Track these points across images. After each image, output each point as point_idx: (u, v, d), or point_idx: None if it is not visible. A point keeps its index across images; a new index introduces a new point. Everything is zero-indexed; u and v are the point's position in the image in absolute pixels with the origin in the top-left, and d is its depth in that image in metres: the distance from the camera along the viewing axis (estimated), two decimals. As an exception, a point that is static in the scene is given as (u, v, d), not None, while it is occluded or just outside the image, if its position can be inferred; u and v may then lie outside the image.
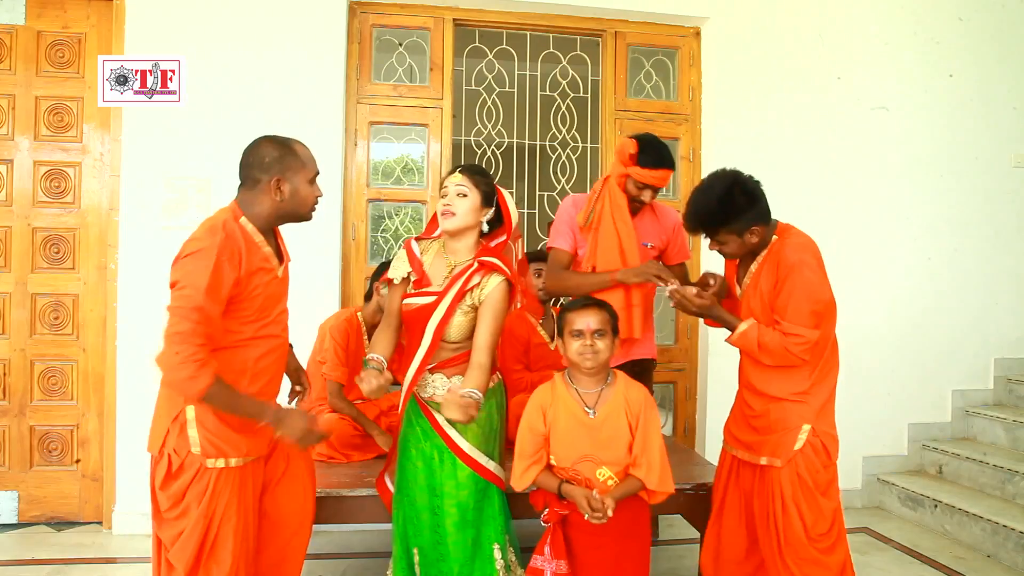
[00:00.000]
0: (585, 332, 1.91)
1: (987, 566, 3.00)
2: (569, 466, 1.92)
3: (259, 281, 1.76)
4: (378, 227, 3.69)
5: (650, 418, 1.93)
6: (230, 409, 1.70)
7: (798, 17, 3.78)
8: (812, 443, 2.00)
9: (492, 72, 3.86)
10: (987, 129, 3.99)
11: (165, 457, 1.73)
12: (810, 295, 1.95)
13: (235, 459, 1.76)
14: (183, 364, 1.58)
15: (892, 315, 3.83)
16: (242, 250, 1.72)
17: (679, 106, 3.83)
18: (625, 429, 1.92)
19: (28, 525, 3.28)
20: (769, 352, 1.98)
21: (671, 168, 2.44)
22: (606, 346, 1.93)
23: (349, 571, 2.90)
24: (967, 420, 3.92)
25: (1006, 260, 4.01)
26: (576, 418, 1.93)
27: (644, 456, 1.89)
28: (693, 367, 3.81)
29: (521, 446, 1.96)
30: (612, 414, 1.93)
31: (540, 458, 1.95)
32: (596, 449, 1.91)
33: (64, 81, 3.32)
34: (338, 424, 2.78)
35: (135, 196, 3.22)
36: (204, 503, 1.71)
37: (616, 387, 1.98)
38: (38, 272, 3.31)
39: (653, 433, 1.92)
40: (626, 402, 1.94)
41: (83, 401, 3.33)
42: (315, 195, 1.86)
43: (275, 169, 1.78)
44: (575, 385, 1.98)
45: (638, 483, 1.90)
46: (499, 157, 3.95)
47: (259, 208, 1.80)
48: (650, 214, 2.58)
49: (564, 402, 1.96)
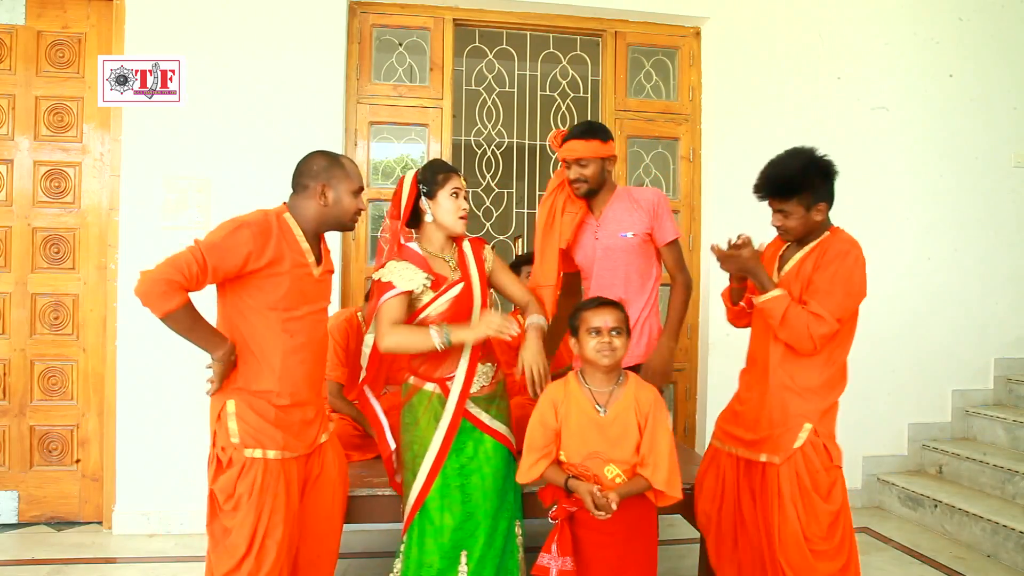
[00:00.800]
0: (603, 330, 1.95)
1: (987, 566, 3.00)
2: (579, 462, 1.95)
3: (284, 269, 1.85)
4: (378, 227, 3.68)
5: (659, 419, 1.95)
6: (188, 332, 1.77)
7: (798, 17, 3.79)
8: (813, 443, 1.98)
9: (492, 72, 3.86)
10: (987, 129, 3.99)
11: (215, 458, 1.86)
12: (849, 284, 1.94)
13: (272, 451, 1.86)
14: (160, 282, 1.69)
15: (892, 315, 3.83)
16: (274, 233, 1.84)
17: (679, 106, 3.83)
18: (634, 428, 1.94)
19: (28, 525, 3.29)
20: (789, 326, 1.94)
21: (580, 137, 2.34)
22: (622, 344, 1.96)
23: (349, 571, 2.90)
24: (967, 420, 3.92)
25: (1006, 260, 4.01)
26: (587, 415, 1.96)
27: (651, 456, 1.92)
28: (693, 367, 3.81)
29: (531, 440, 1.99)
30: (622, 413, 1.96)
31: (549, 452, 1.98)
32: (605, 447, 1.93)
33: (64, 81, 3.32)
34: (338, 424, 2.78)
35: (135, 196, 3.22)
36: (255, 496, 1.81)
37: (627, 387, 2.00)
38: (38, 272, 3.31)
39: (661, 434, 1.94)
40: (636, 402, 1.97)
41: (83, 401, 3.33)
42: (357, 206, 1.99)
43: (322, 176, 1.94)
44: (588, 384, 2.01)
45: (644, 482, 1.92)
46: (499, 157, 3.95)
47: (305, 212, 1.94)
48: (627, 202, 2.42)
49: (576, 399, 1.99)
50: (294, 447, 1.91)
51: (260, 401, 1.87)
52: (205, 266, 1.73)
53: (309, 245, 1.94)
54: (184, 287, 1.72)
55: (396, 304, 2.01)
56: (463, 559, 1.96)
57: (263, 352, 1.87)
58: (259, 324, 1.86)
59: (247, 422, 1.85)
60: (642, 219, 2.39)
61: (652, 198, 2.40)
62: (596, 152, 2.35)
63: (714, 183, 3.71)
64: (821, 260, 1.99)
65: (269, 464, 1.85)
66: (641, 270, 2.40)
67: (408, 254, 2.06)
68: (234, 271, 1.79)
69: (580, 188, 2.39)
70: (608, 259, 2.40)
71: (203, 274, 1.74)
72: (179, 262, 1.71)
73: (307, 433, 1.96)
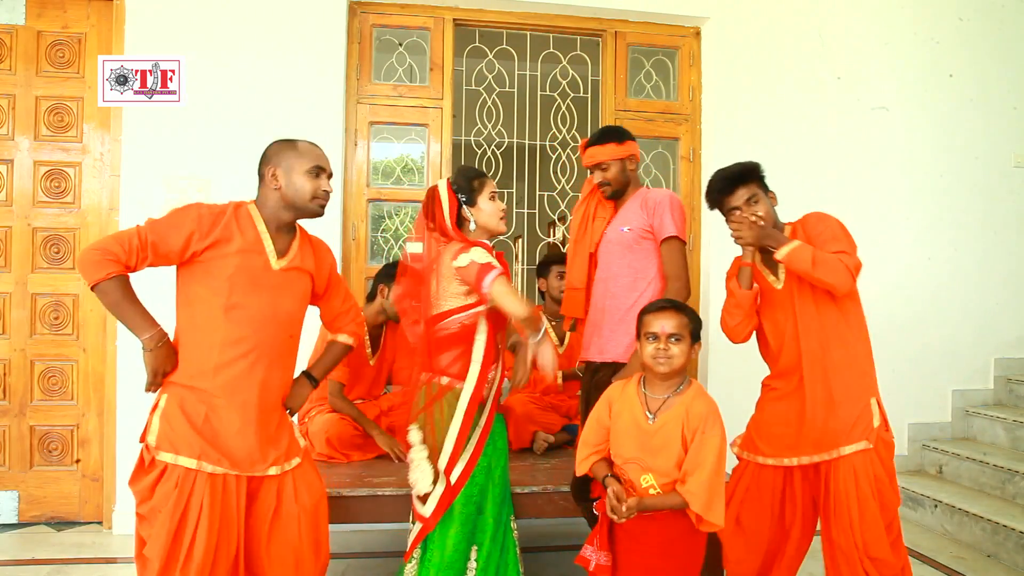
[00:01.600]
0: (660, 336, 1.87)
1: (987, 566, 3.00)
2: (620, 464, 1.91)
3: (230, 250, 1.80)
4: (378, 227, 3.70)
5: (709, 436, 1.81)
6: (115, 307, 1.76)
7: (798, 17, 3.79)
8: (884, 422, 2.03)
9: (492, 72, 3.86)
10: (987, 129, 3.99)
11: (140, 450, 1.78)
12: (844, 231, 2.03)
13: (186, 459, 1.73)
14: (95, 251, 1.71)
15: (892, 315, 3.83)
16: (226, 217, 1.82)
17: (679, 106, 3.83)
18: (678, 441, 1.83)
19: (28, 525, 3.29)
20: (822, 264, 1.92)
21: (596, 143, 2.42)
22: (681, 351, 1.87)
23: (349, 571, 2.90)
24: (967, 420, 3.92)
25: (1006, 260, 4.01)
26: (635, 420, 1.90)
27: (693, 475, 1.79)
28: (693, 367, 3.80)
29: (586, 435, 1.99)
30: (669, 423, 1.86)
31: (602, 449, 1.96)
32: (646, 455, 1.86)
33: (64, 81, 3.32)
34: (338, 424, 2.79)
35: (135, 196, 3.22)
36: (171, 504, 1.70)
37: (683, 396, 1.90)
38: (38, 272, 3.31)
39: (708, 453, 1.79)
40: (686, 413, 1.85)
41: (83, 401, 3.33)
42: (315, 187, 1.88)
43: (272, 161, 1.89)
44: (645, 388, 1.95)
45: (679, 500, 1.79)
46: (499, 157, 3.95)
47: (266, 201, 1.89)
48: (639, 200, 2.43)
49: (629, 401, 1.94)
50: (219, 461, 1.75)
51: (192, 398, 1.77)
52: (145, 242, 1.74)
53: (272, 236, 1.88)
54: (119, 260, 1.72)
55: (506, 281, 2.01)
56: (473, 553, 1.97)
57: (202, 341, 1.79)
58: (201, 310, 1.80)
59: (169, 422, 1.76)
60: (643, 216, 2.39)
61: (657, 196, 2.40)
62: (613, 154, 2.40)
63: (714, 183, 3.71)
64: (808, 231, 2.05)
65: (192, 475, 1.71)
66: (634, 266, 2.37)
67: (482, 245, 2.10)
68: (176, 250, 1.76)
69: (606, 191, 2.46)
70: (606, 253, 2.44)
71: (143, 249, 1.74)
72: (120, 236, 1.74)
73: (243, 449, 1.78)
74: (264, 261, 1.85)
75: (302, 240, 1.98)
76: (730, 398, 2.34)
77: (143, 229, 1.76)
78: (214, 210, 1.83)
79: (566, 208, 3.88)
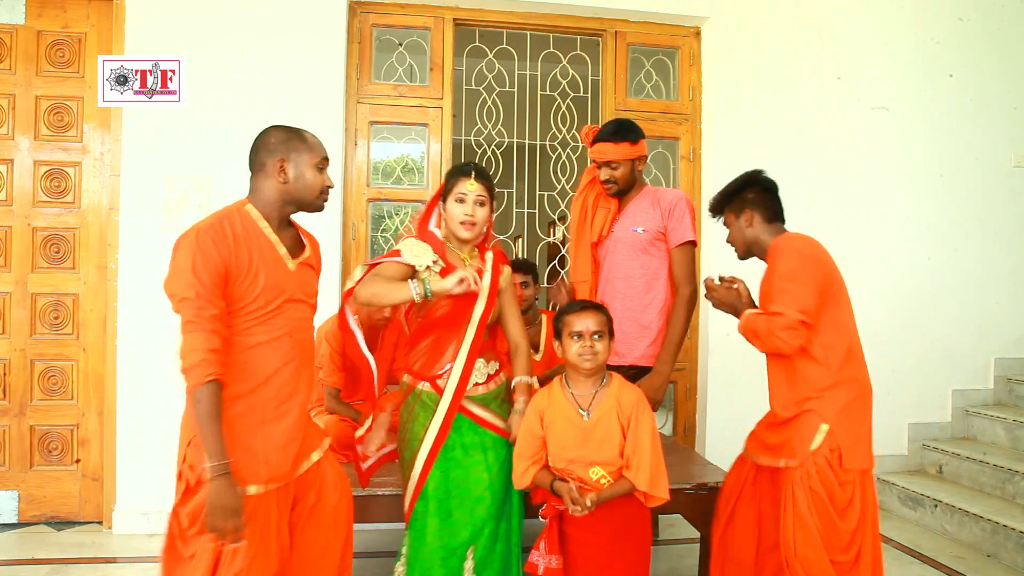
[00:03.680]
0: (584, 334, 1.95)
1: (987, 566, 3.00)
2: (563, 467, 1.95)
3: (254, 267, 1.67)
4: (378, 227, 3.70)
5: (641, 420, 1.94)
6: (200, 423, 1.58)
7: (798, 17, 3.79)
8: (830, 447, 1.93)
9: (492, 72, 3.86)
10: (986, 129, 3.99)
11: (181, 476, 1.66)
12: (795, 274, 1.95)
13: (253, 487, 1.65)
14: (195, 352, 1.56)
15: (892, 315, 3.83)
16: (236, 235, 1.66)
17: (679, 106, 3.83)
18: (617, 431, 1.94)
19: (28, 525, 3.29)
20: (760, 336, 1.98)
21: (610, 140, 2.36)
22: (604, 347, 1.96)
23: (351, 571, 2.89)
24: (967, 420, 3.93)
25: (1006, 260, 4.02)
26: (570, 420, 1.96)
27: (634, 457, 1.91)
28: (693, 367, 3.80)
29: (520, 448, 2.00)
30: (604, 416, 1.95)
31: (539, 459, 1.99)
32: (589, 451, 1.93)
33: (64, 81, 3.32)
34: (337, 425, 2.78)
35: (135, 196, 3.22)
36: None
37: (610, 389, 2.00)
38: (38, 272, 3.31)
39: (644, 435, 1.93)
40: (618, 403, 1.96)
41: (83, 401, 3.33)
42: (323, 183, 1.79)
43: (280, 151, 1.74)
44: (571, 388, 2.02)
45: (629, 484, 1.91)
46: (499, 157, 3.95)
47: (266, 194, 1.75)
48: (649, 200, 2.42)
49: (559, 405, 1.99)
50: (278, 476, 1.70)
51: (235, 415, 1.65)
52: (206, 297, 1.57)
53: (277, 234, 1.75)
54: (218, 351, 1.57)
55: (393, 267, 1.96)
56: (469, 555, 1.96)
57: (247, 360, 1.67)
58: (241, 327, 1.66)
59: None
60: (656, 217, 2.36)
61: (672, 198, 2.38)
62: (626, 154, 2.37)
63: (714, 183, 3.70)
64: (771, 261, 2.05)
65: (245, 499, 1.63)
66: (647, 269, 2.36)
67: (428, 236, 2.06)
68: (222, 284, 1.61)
69: (611, 189, 2.42)
70: (615, 254, 2.40)
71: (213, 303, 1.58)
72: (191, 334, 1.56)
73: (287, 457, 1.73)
74: (283, 266, 1.74)
75: (305, 235, 1.91)
76: (730, 399, 2.35)
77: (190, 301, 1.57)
78: (218, 228, 1.64)
79: (566, 208, 3.88)
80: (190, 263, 1.58)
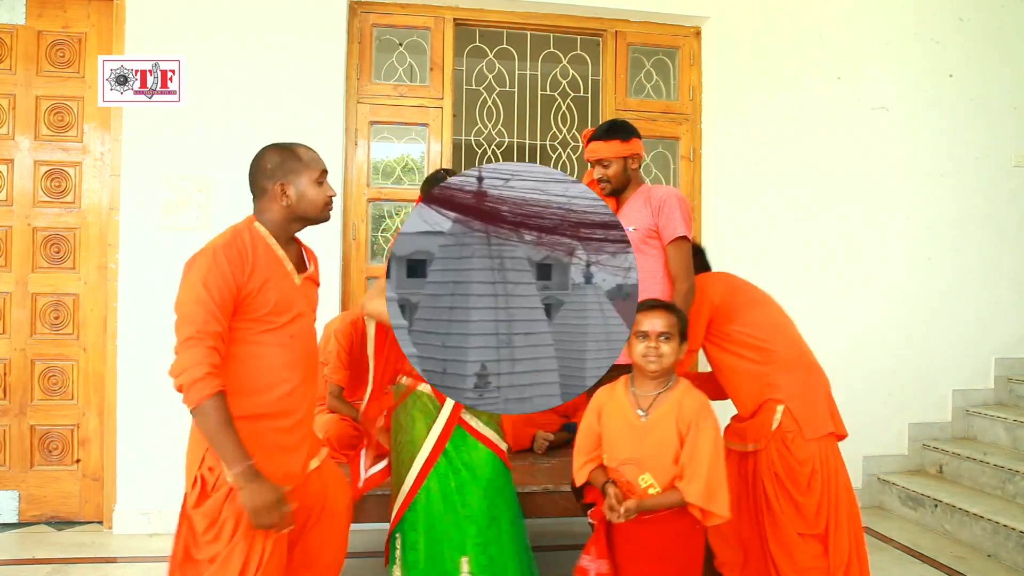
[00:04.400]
0: (651, 334, 1.86)
1: (987, 566, 3.00)
2: (615, 467, 1.88)
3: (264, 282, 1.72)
4: (378, 227, 3.69)
5: (702, 428, 1.81)
6: (212, 435, 1.60)
7: (798, 17, 3.78)
8: (789, 423, 2.11)
9: (492, 72, 3.86)
10: (987, 129, 3.99)
11: (198, 479, 1.68)
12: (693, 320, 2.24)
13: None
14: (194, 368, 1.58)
15: (892, 315, 3.83)
16: (249, 253, 1.71)
17: (679, 106, 3.83)
18: (674, 436, 1.82)
19: (28, 524, 3.28)
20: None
21: (601, 138, 2.36)
22: (672, 350, 1.86)
23: (348, 571, 2.88)
24: (968, 420, 3.92)
25: (1007, 260, 4.01)
26: (626, 420, 1.89)
27: (689, 467, 1.78)
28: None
29: (579, 443, 1.96)
30: (663, 419, 1.85)
31: (596, 456, 1.93)
32: (642, 453, 1.84)
33: (64, 81, 3.32)
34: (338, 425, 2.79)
35: (135, 196, 3.22)
36: (244, 525, 1.63)
37: (674, 392, 1.89)
38: (38, 272, 3.31)
39: (703, 444, 1.79)
40: (679, 408, 1.84)
41: (83, 401, 3.33)
42: (325, 195, 1.82)
43: (278, 175, 1.77)
44: (634, 387, 1.93)
45: (679, 497, 1.78)
46: (499, 157, 3.95)
47: (272, 214, 1.79)
48: (642, 198, 2.40)
49: (619, 402, 1.92)
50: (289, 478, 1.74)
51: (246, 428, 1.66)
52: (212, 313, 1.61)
53: (285, 251, 1.80)
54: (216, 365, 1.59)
55: None
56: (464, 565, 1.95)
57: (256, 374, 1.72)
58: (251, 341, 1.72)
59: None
60: (647, 215, 2.35)
61: (662, 194, 2.36)
62: (617, 152, 2.35)
63: (714, 183, 3.72)
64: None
65: None
66: (643, 267, 2.33)
67: None
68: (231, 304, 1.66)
69: (604, 188, 2.40)
70: None
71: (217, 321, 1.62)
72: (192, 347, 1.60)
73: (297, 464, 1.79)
74: (290, 281, 1.79)
75: (306, 250, 1.94)
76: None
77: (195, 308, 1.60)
78: (235, 246, 1.69)
79: (566, 208, 3.87)
80: (202, 278, 1.62)
